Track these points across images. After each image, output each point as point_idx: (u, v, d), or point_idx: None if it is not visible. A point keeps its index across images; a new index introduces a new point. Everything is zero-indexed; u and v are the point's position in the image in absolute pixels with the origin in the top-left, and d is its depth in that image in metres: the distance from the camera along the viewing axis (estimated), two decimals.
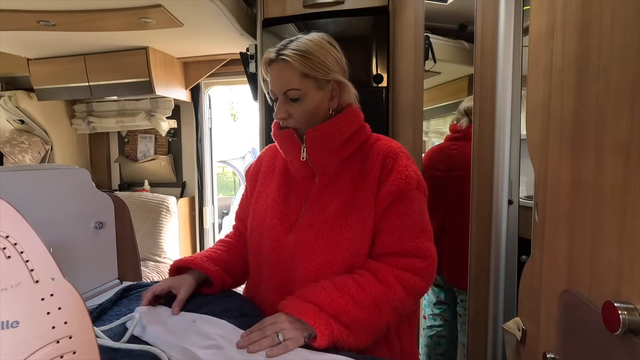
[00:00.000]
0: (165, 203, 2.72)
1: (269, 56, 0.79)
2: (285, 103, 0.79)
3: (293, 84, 0.77)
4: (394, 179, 0.77)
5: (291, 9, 1.58)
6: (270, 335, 0.66)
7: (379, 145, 0.82)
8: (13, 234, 0.41)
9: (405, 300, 0.74)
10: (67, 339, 0.40)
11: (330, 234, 0.76)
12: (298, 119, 0.79)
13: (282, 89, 0.78)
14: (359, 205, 0.77)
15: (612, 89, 0.48)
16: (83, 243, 1.09)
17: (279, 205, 0.83)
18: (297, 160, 0.82)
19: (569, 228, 0.59)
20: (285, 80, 0.77)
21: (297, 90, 0.77)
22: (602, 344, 0.48)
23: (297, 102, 0.78)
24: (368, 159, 0.81)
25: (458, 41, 1.93)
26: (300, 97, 0.78)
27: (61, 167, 1.11)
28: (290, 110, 0.79)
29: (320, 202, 0.80)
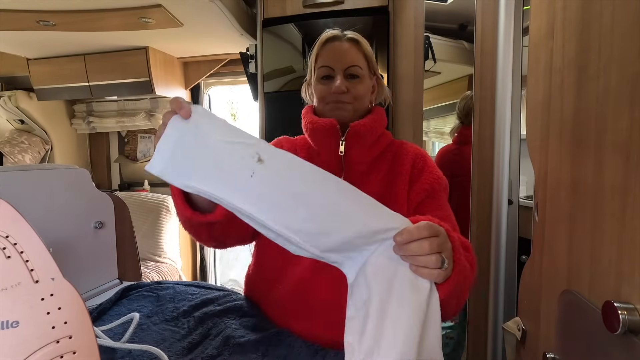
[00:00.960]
0: (165, 203, 2.72)
1: (334, 33, 0.82)
2: (344, 79, 0.80)
3: (358, 61, 0.80)
4: (426, 178, 0.78)
5: (291, 9, 1.58)
6: (435, 254, 0.48)
7: (406, 147, 0.85)
8: (13, 234, 0.41)
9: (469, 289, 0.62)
10: (67, 339, 0.40)
11: None
12: (355, 96, 0.80)
13: (346, 64, 0.80)
14: (391, 204, 0.66)
15: (612, 89, 0.48)
16: (83, 243, 1.09)
17: None
18: (331, 154, 0.81)
19: (569, 228, 0.59)
20: (351, 56, 0.80)
21: (360, 68, 0.80)
22: (602, 344, 0.48)
23: (356, 80, 0.81)
24: (397, 159, 0.82)
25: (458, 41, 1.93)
26: (360, 75, 0.81)
27: (61, 167, 1.11)
28: (349, 86, 0.80)
29: None
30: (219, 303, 0.82)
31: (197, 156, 0.51)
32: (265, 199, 0.50)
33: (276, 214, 0.50)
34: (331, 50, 0.81)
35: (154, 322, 0.76)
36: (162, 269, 2.55)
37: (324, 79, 0.82)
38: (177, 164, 0.52)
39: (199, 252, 3.06)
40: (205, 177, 0.51)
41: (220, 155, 0.51)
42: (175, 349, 0.66)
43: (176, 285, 0.93)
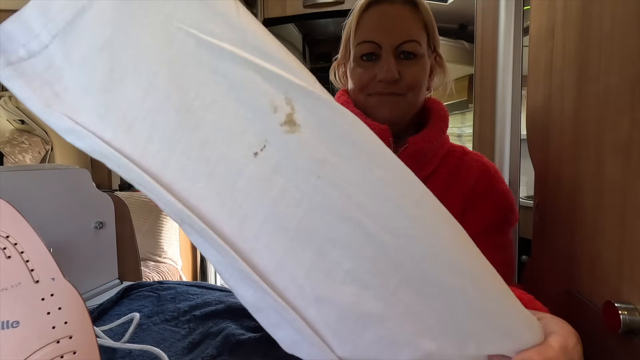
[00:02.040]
0: None
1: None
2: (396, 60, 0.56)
3: (415, 34, 0.56)
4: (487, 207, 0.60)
5: (291, 9, 1.58)
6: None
7: (467, 161, 0.63)
8: (13, 234, 0.41)
9: None
10: (67, 339, 0.40)
11: None
12: (409, 84, 0.57)
13: (399, 39, 0.56)
14: None
15: (612, 89, 0.48)
16: (83, 243, 1.09)
17: None
18: None
19: (569, 228, 0.59)
20: (407, 26, 0.56)
21: (419, 44, 0.57)
22: (602, 344, 0.48)
23: (411, 61, 0.57)
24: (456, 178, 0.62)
25: (458, 41, 1.93)
26: (417, 54, 0.57)
27: (61, 167, 1.11)
28: (401, 70, 0.56)
29: None
30: (220, 303, 0.82)
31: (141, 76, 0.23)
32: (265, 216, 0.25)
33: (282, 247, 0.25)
34: (377, 19, 0.57)
35: (155, 322, 0.76)
36: (162, 269, 2.55)
37: (366, 58, 0.58)
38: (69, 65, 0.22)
39: (199, 252, 3.06)
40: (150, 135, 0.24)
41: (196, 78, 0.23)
42: (176, 349, 0.66)
43: (177, 286, 0.93)
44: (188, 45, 0.22)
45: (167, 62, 0.22)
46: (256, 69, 0.22)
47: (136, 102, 0.22)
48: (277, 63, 0.22)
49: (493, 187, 0.61)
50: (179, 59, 0.22)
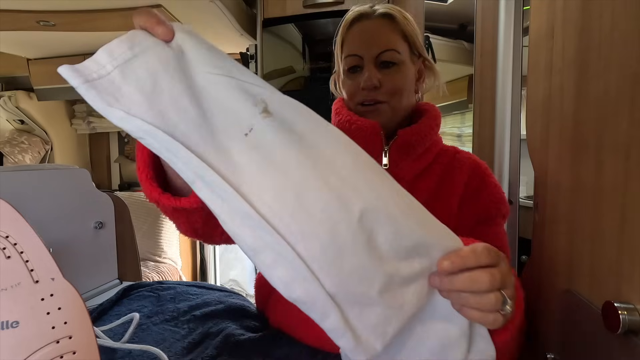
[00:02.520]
0: None
1: (361, 11, 0.64)
2: (376, 69, 0.62)
3: (393, 43, 0.62)
4: (483, 201, 0.65)
5: (291, 9, 1.58)
6: (494, 293, 0.35)
7: (460, 159, 0.68)
8: (13, 234, 0.41)
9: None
10: (67, 339, 0.40)
11: None
12: (390, 90, 0.63)
13: (378, 50, 0.62)
14: None
15: (612, 89, 0.48)
16: (83, 243, 1.09)
17: None
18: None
19: (569, 228, 0.59)
20: (383, 38, 0.62)
21: (397, 52, 0.62)
22: (602, 344, 0.48)
23: (392, 69, 0.63)
24: (449, 174, 0.66)
25: (458, 41, 1.93)
26: (397, 62, 0.63)
27: (61, 167, 1.12)
28: (382, 78, 0.62)
29: None
30: (219, 303, 0.82)
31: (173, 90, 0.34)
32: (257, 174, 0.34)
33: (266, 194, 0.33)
34: (358, 34, 0.64)
35: (154, 322, 0.76)
36: (162, 269, 2.55)
37: (352, 70, 0.65)
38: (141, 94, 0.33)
39: (199, 252, 3.06)
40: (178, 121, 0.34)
41: (208, 92, 0.35)
42: (176, 349, 0.66)
43: (177, 286, 0.93)
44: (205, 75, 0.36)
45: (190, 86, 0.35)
46: (243, 84, 0.37)
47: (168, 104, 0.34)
48: (255, 80, 0.37)
49: (485, 182, 0.66)
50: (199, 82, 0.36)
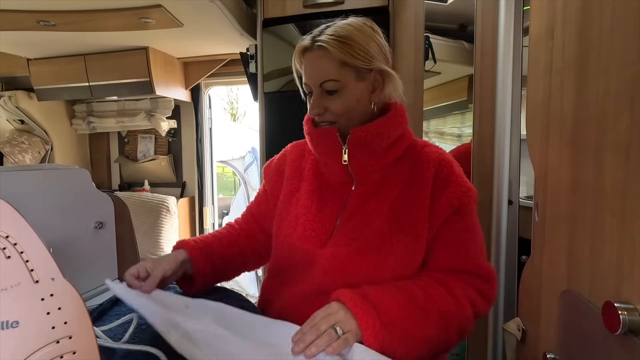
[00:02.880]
0: (165, 203, 2.73)
1: (303, 44, 0.70)
2: (321, 96, 0.70)
3: (331, 74, 0.68)
4: (453, 191, 0.68)
5: (291, 9, 1.58)
6: (326, 331, 0.56)
7: (428, 153, 0.73)
8: (13, 234, 0.41)
9: (471, 321, 0.65)
10: (67, 339, 0.40)
11: (377, 252, 0.67)
12: (336, 114, 0.70)
13: (318, 81, 0.69)
14: (410, 221, 0.68)
15: (612, 89, 0.48)
16: (83, 243, 1.09)
17: (312, 214, 0.74)
18: (336, 163, 0.73)
19: (569, 228, 0.59)
20: (322, 70, 0.69)
21: (336, 81, 0.68)
22: (602, 344, 0.48)
23: (335, 95, 0.70)
24: (417, 167, 0.72)
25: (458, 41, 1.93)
26: (338, 89, 0.69)
27: (61, 167, 1.12)
28: (327, 104, 0.70)
29: (362, 213, 0.71)
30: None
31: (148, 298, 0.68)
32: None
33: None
34: (304, 66, 0.71)
35: None
36: None
37: (308, 95, 0.73)
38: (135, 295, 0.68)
39: None
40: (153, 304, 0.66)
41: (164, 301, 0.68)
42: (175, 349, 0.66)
43: (177, 286, 0.93)
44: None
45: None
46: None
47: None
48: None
49: (453, 175, 0.70)
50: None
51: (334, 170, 0.75)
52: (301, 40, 0.72)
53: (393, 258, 0.67)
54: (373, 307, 0.58)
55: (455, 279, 0.66)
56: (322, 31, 0.71)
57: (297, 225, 0.74)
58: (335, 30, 0.69)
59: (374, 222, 0.69)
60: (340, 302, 0.59)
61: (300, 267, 0.74)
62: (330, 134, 0.71)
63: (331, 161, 0.74)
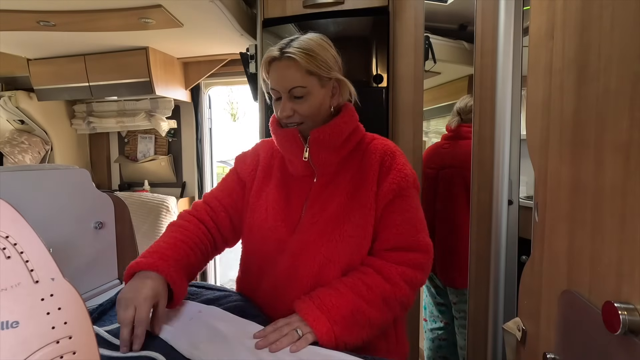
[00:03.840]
0: (165, 203, 2.72)
1: (272, 54, 0.79)
2: (290, 101, 0.80)
3: (299, 81, 0.78)
4: (393, 177, 0.80)
5: (291, 9, 1.58)
6: (289, 333, 0.68)
7: (375, 145, 0.85)
8: (13, 234, 0.41)
9: (410, 296, 0.78)
10: (67, 339, 0.40)
11: (333, 231, 0.78)
12: (303, 116, 0.80)
13: (287, 87, 0.78)
14: (360, 203, 0.80)
15: (612, 89, 0.48)
16: (83, 243, 1.09)
17: (280, 206, 0.83)
18: (298, 160, 0.83)
19: (569, 228, 0.59)
20: (291, 77, 0.78)
21: (303, 87, 0.78)
22: (602, 344, 0.48)
23: (302, 100, 0.79)
24: (366, 157, 0.83)
25: (458, 41, 1.93)
26: (305, 94, 0.79)
27: (61, 167, 1.11)
28: (295, 107, 0.80)
29: (321, 201, 0.81)
30: (219, 303, 0.82)
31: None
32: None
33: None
34: (274, 72, 0.80)
35: None
36: None
37: (275, 99, 0.82)
38: None
39: None
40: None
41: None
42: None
43: None
44: None
45: None
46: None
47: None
48: None
49: (395, 162, 0.81)
50: None
51: (297, 166, 0.84)
52: (269, 52, 0.80)
53: (347, 235, 0.78)
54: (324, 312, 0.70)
55: (391, 262, 0.77)
56: (287, 44, 0.80)
57: (268, 217, 0.83)
58: (300, 44, 0.78)
59: (330, 207, 0.80)
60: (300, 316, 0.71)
61: (273, 255, 0.82)
62: (292, 135, 0.81)
63: (294, 158, 0.84)
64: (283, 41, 0.81)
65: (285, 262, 0.80)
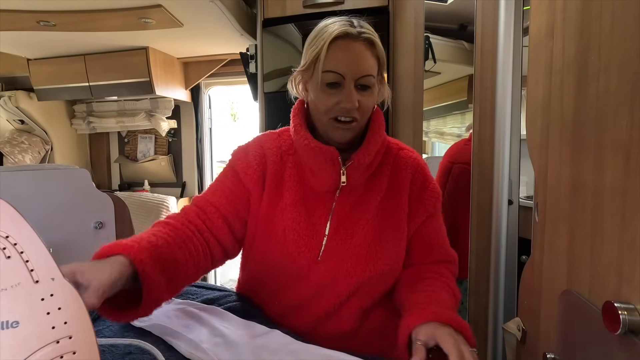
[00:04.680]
0: (165, 203, 2.72)
1: (346, 30, 0.66)
2: (355, 91, 0.67)
3: (372, 69, 0.67)
4: (428, 198, 0.75)
5: (291, 9, 1.58)
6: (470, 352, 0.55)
7: (403, 157, 0.76)
8: (13, 234, 0.41)
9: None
10: (67, 339, 0.40)
11: (366, 262, 0.70)
12: (364, 111, 0.69)
13: (360, 73, 0.66)
14: (393, 228, 0.73)
15: (612, 89, 0.48)
16: (83, 243, 1.09)
17: (301, 227, 0.71)
18: (329, 179, 0.71)
19: (569, 228, 0.59)
20: (366, 63, 0.66)
21: (373, 77, 0.67)
22: (602, 344, 0.48)
23: (366, 92, 0.68)
24: (396, 173, 0.75)
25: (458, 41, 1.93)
26: (371, 86, 0.68)
27: (61, 167, 1.12)
28: (361, 99, 0.67)
29: (350, 222, 0.72)
30: (219, 303, 0.82)
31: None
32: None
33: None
34: (342, 52, 0.65)
35: None
36: None
37: (330, 86, 0.67)
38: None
39: None
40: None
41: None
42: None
43: None
44: None
45: None
46: None
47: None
48: None
49: (427, 181, 0.76)
50: None
51: (324, 184, 0.72)
52: (338, 26, 0.67)
53: (382, 264, 0.71)
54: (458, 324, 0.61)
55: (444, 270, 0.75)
56: (360, 24, 0.68)
57: (287, 241, 0.71)
58: (370, 29, 0.68)
59: (360, 232, 0.71)
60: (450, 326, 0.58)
61: (293, 280, 0.72)
62: (331, 155, 0.69)
63: (325, 175, 0.72)
64: (348, 18, 0.69)
65: (309, 289, 0.72)
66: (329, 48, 0.66)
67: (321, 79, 0.67)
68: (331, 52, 0.66)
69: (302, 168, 0.74)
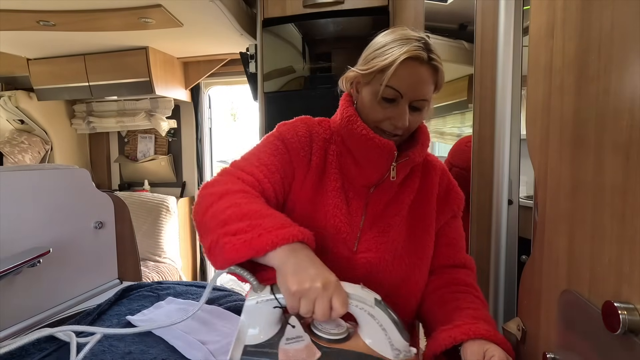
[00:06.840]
0: (165, 203, 2.73)
1: (419, 54, 0.67)
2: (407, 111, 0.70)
3: (429, 94, 0.70)
4: (453, 198, 0.81)
5: (291, 9, 1.58)
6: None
7: (431, 161, 0.83)
8: None
9: None
10: None
11: (402, 257, 0.74)
12: (408, 130, 0.73)
13: (418, 96, 0.69)
14: (424, 225, 0.78)
15: (612, 89, 0.48)
16: (83, 243, 1.09)
17: (342, 214, 0.74)
18: (376, 172, 0.74)
19: (569, 228, 0.59)
20: (427, 88, 0.69)
21: (427, 102, 0.71)
22: (602, 344, 0.48)
23: (416, 113, 0.71)
24: (426, 175, 0.80)
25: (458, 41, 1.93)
26: (422, 109, 0.71)
27: (61, 167, 1.11)
28: (410, 118, 0.71)
29: (386, 218, 0.75)
30: (219, 303, 0.82)
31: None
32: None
33: None
34: (409, 74, 0.67)
35: None
36: (162, 269, 2.55)
37: (386, 100, 0.70)
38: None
39: (198, 252, 3.06)
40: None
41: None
42: None
43: (177, 286, 0.93)
44: None
45: None
46: None
47: None
48: None
49: (451, 183, 0.82)
50: None
51: (368, 176, 0.74)
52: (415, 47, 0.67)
53: (416, 258, 0.76)
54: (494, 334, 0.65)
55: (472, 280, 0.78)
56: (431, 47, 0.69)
57: (327, 225, 0.72)
58: (438, 55, 0.69)
59: (395, 228, 0.75)
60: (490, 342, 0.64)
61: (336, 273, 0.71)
62: (389, 150, 0.71)
63: (372, 169, 0.73)
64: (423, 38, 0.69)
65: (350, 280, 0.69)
66: (399, 65, 0.67)
67: (381, 91, 0.69)
68: (398, 70, 0.67)
69: (344, 158, 0.76)
